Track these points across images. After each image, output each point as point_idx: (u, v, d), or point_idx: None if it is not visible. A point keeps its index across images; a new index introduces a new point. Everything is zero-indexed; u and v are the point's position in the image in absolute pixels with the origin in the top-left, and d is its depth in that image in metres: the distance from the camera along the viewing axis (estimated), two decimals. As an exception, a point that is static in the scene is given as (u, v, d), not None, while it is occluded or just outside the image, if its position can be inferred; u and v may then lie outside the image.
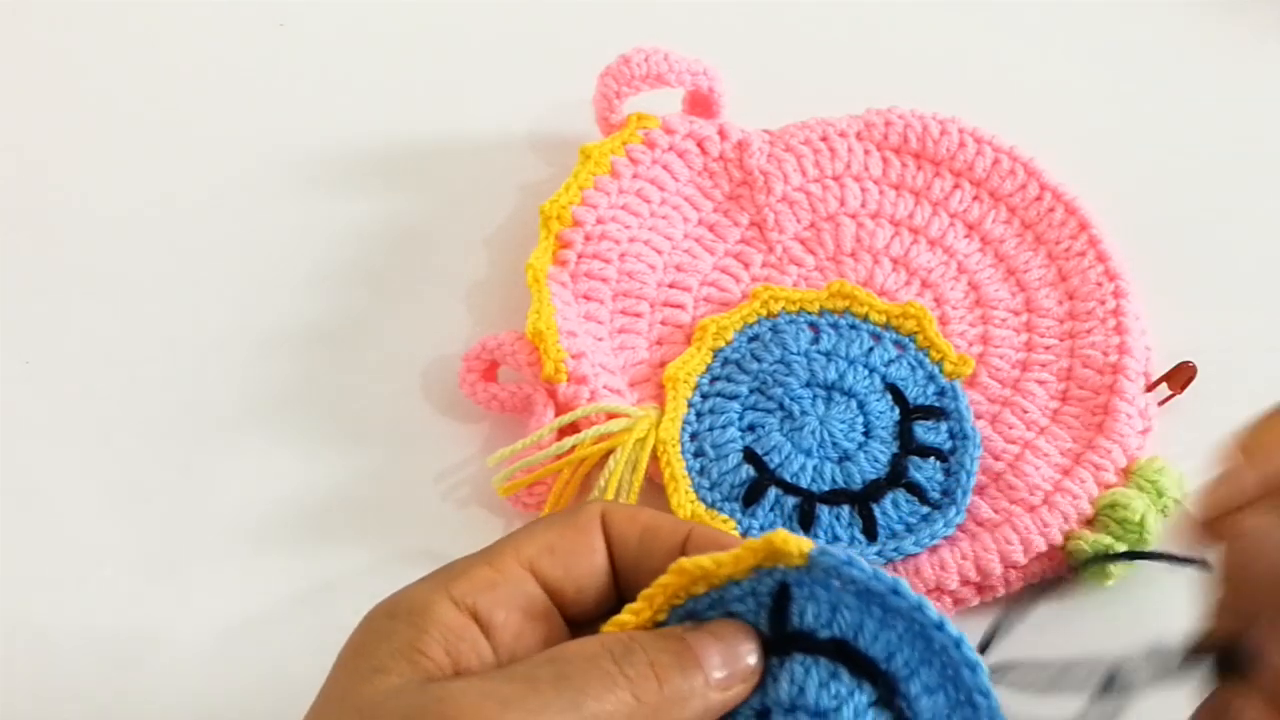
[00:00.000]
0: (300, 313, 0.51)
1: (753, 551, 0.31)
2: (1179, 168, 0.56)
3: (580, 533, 0.33)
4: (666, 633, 0.31)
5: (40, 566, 0.46)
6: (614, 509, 0.34)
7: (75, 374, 0.50)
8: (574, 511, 0.34)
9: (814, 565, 0.31)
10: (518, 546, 0.33)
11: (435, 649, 0.30)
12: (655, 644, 0.31)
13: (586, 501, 0.34)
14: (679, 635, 0.31)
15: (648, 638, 0.31)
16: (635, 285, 0.50)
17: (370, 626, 0.31)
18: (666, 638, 0.31)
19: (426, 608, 0.31)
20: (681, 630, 0.31)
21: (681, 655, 0.31)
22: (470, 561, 0.32)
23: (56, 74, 0.59)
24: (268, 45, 0.60)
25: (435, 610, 0.31)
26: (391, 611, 0.31)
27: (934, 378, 0.47)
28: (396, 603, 0.32)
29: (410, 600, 0.31)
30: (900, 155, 0.53)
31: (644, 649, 0.30)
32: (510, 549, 0.33)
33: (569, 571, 0.33)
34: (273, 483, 0.47)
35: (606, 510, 0.34)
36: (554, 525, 0.33)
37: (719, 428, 0.46)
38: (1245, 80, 0.59)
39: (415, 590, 0.32)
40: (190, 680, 0.43)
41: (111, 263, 0.53)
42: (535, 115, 0.57)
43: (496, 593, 0.32)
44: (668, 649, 0.31)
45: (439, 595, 0.31)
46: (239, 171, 0.56)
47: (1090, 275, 0.50)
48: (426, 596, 0.31)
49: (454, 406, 0.49)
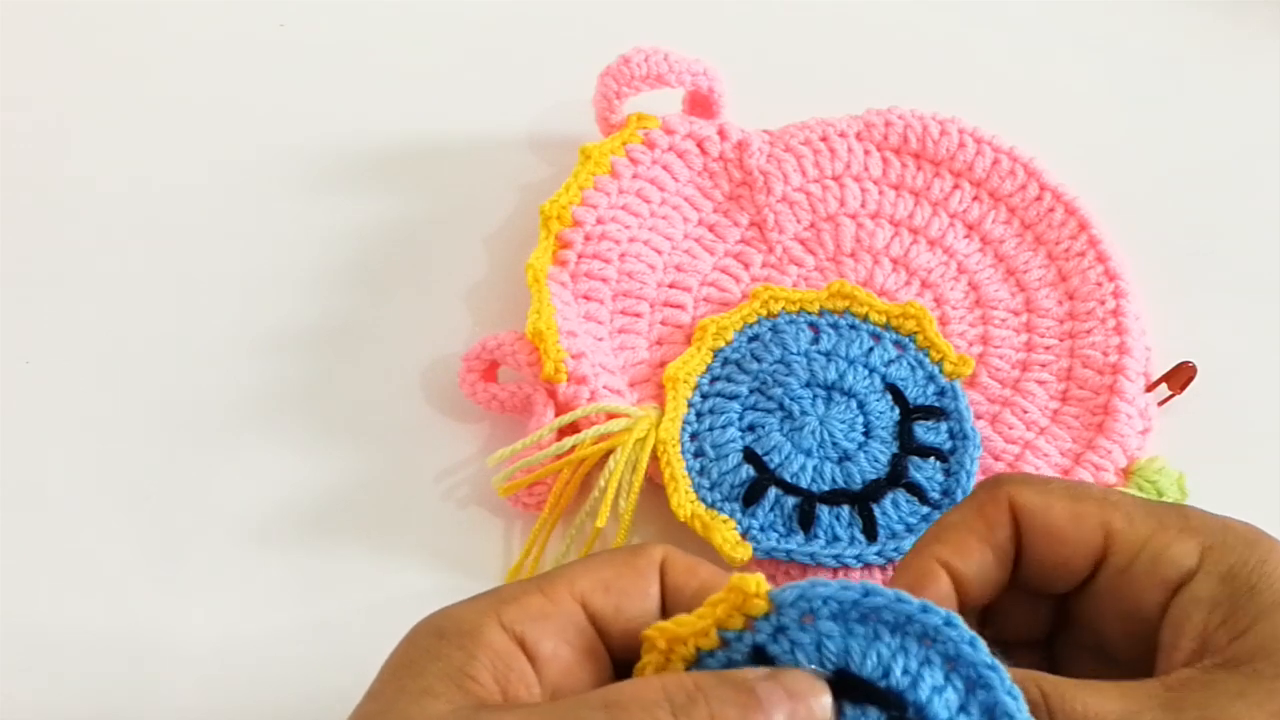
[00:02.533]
0: (300, 313, 0.51)
1: (713, 606, 0.30)
2: (1179, 168, 0.56)
3: (638, 575, 0.32)
4: (737, 681, 0.29)
5: (40, 566, 0.46)
6: (676, 557, 0.33)
7: (75, 374, 0.50)
8: (636, 551, 0.33)
9: (780, 606, 0.30)
10: (573, 578, 0.32)
11: (485, 675, 0.29)
12: (721, 694, 0.29)
13: (650, 544, 0.33)
14: (749, 687, 0.29)
15: (715, 684, 0.29)
16: (635, 285, 0.50)
17: (418, 644, 0.30)
18: (736, 688, 0.29)
19: (476, 631, 0.30)
20: (753, 680, 0.29)
21: (747, 709, 0.28)
22: (523, 588, 0.31)
23: (56, 75, 0.59)
24: (268, 45, 0.60)
25: (485, 635, 0.30)
26: (440, 631, 0.30)
27: (934, 378, 0.47)
28: (445, 622, 0.30)
29: (459, 621, 0.30)
30: (900, 155, 0.53)
31: (707, 700, 0.28)
32: (565, 580, 0.31)
33: (621, 611, 0.32)
34: (273, 483, 0.47)
35: (668, 557, 0.33)
36: (613, 562, 0.32)
37: (719, 428, 0.46)
38: (1245, 80, 0.59)
39: (465, 611, 0.31)
40: (191, 680, 0.43)
41: (111, 263, 0.53)
42: (535, 115, 0.57)
43: (547, 624, 0.31)
44: (734, 701, 0.28)
45: (489, 619, 0.30)
46: (239, 171, 0.55)
47: (1090, 275, 0.50)
48: (477, 619, 0.30)
49: (454, 406, 0.49)
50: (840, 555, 0.44)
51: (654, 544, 0.33)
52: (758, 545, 0.44)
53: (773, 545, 0.44)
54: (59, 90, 0.58)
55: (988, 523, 0.33)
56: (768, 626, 0.30)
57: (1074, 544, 0.33)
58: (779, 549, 0.44)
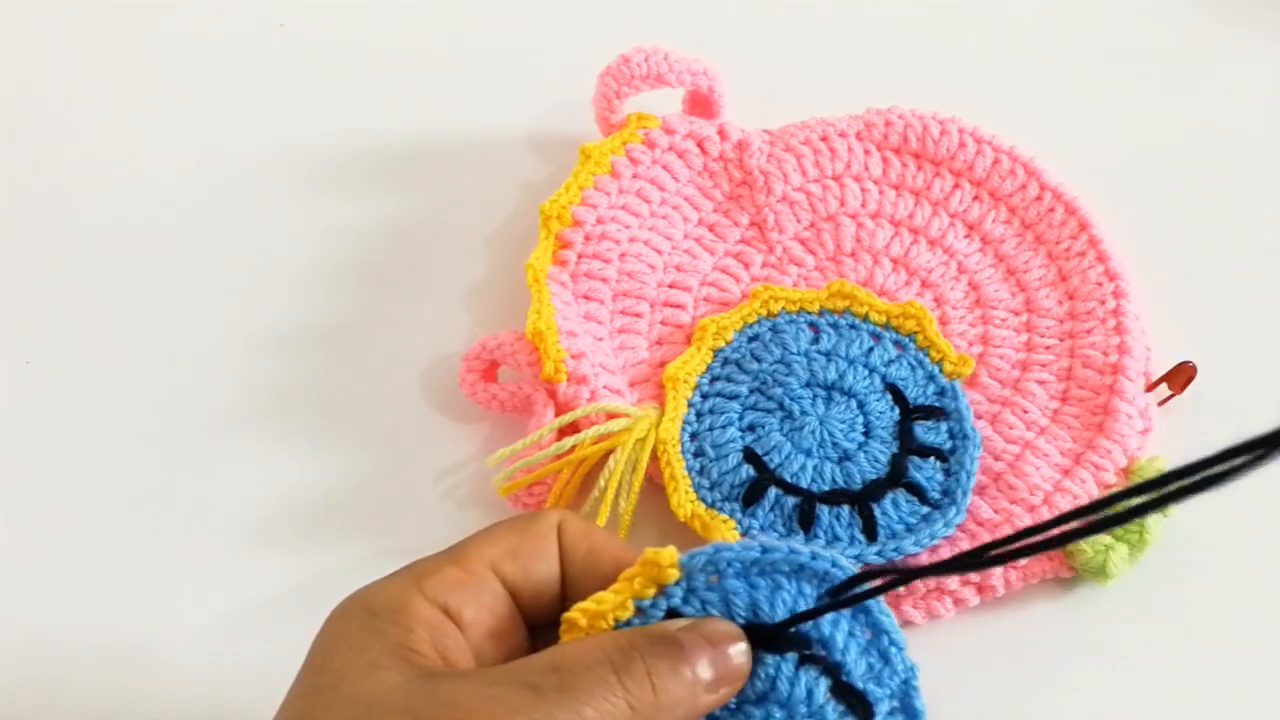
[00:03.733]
0: (300, 313, 0.51)
1: (629, 581, 0.33)
2: (1179, 168, 0.56)
3: (540, 539, 0.34)
4: (663, 635, 0.32)
5: (40, 566, 0.46)
6: (570, 521, 0.35)
7: (75, 374, 0.50)
8: (533, 518, 0.35)
9: (689, 572, 0.33)
10: (480, 548, 0.34)
11: (425, 646, 0.31)
12: (653, 649, 0.32)
13: (545, 510, 0.36)
14: (674, 639, 0.32)
15: (646, 642, 0.32)
16: (635, 285, 0.50)
17: (352, 622, 0.32)
18: (664, 642, 0.32)
19: (405, 606, 0.32)
20: (676, 632, 0.32)
21: (675, 660, 0.32)
22: (437, 561, 0.33)
23: (56, 75, 0.59)
24: (268, 45, 0.60)
25: (415, 608, 0.32)
26: (370, 610, 0.32)
27: (934, 378, 0.47)
28: (373, 601, 0.32)
29: (387, 599, 0.32)
30: (900, 155, 0.53)
31: (642, 657, 0.31)
32: (474, 549, 0.34)
33: (528, 575, 0.34)
34: (273, 483, 0.47)
35: (563, 521, 0.35)
36: (514, 529, 0.34)
37: (719, 428, 0.46)
38: (1245, 80, 0.59)
39: (388, 589, 0.32)
40: (190, 680, 0.43)
41: (111, 263, 0.53)
42: (535, 115, 0.57)
43: (465, 591, 0.33)
44: (664, 654, 0.32)
45: (413, 593, 0.32)
46: (239, 171, 0.56)
47: (1090, 275, 0.50)
48: (402, 595, 0.32)
49: (454, 406, 0.49)
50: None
51: (549, 510, 0.36)
52: (758, 545, 0.44)
53: (773, 545, 0.44)
54: (59, 90, 0.58)
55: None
56: (679, 591, 0.33)
57: None
58: (779, 549, 0.44)
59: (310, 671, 0.32)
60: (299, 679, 0.32)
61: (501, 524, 0.35)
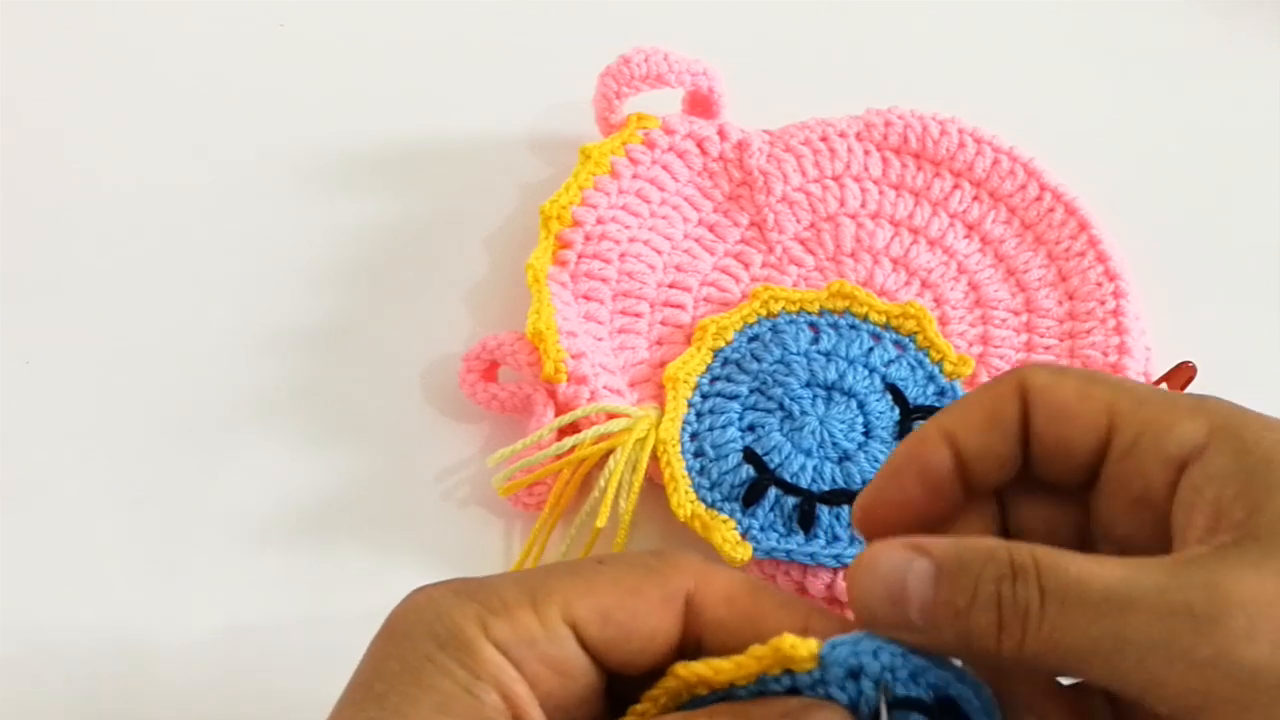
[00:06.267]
0: (300, 313, 0.51)
1: (757, 660, 0.29)
2: (1179, 168, 0.56)
3: (650, 608, 0.30)
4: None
5: (40, 566, 0.46)
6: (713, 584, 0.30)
7: (75, 374, 0.50)
8: (649, 574, 0.30)
9: (825, 665, 0.29)
10: (568, 599, 0.29)
11: (492, 696, 0.28)
12: None
13: (675, 562, 0.30)
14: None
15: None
16: (635, 285, 0.50)
17: (417, 648, 0.29)
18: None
19: (472, 646, 0.28)
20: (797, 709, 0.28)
21: None
22: (514, 597, 0.29)
23: (56, 75, 0.59)
24: (268, 45, 0.60)
25: (482, 651, 0.28)
26: (436, 638, 0.29)
27: (934, 378, 0.47)
28: (438, 626, 0.29)
29: (453, 629, 0.29)
30: (900, 155, 0.53)
31: None
32: (559, 599, 0.29)
33: (616, 646, 0.29)
34: (273, 483, 0.47)
35: (700, 585, 0.30)
36: (620, 586, 0.30)
37: (719, 428, 0.46)
38: (1246, 80, 0.59)
39: (454, 614, 0.29)
40: (191, 680, 0.43)
41: (111, 262, 0.53)
42: (535, 115, 0.57)
43: (534, 649, 0.29)
44: None
45: (477, 631, 0.29)
46: (239, 171, 0.55)
47: (1090, 275, 0.50)
48: (471, 631, 0.29)
49: (454, 406, 0.49)
50: (840, 555, 0.44)
51: (680, 563, 0.30)
52: (758, 545, 0.44)
53: (773, 545, 0.44)
54: (59, 90, 0.58)
55: (995, 397, 0.31)
56: (808, 679, 0.29)
57: (1079, 422, 0.30)
58: (779, 549, 0.44)
59: (371, 699, 0.29)
60: (355, 700, 0.29)
61: (609, 569, 0.30)
